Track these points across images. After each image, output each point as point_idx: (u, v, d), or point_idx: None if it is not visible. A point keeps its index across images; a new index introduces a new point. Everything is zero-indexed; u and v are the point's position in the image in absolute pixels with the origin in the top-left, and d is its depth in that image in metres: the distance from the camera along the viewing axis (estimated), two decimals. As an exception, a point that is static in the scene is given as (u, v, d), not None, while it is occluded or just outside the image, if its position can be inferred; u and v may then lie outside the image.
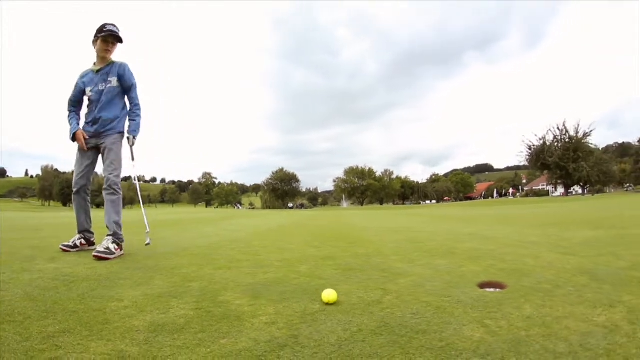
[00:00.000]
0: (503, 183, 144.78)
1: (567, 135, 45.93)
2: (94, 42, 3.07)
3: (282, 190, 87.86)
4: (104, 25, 3.03)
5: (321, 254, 3.28)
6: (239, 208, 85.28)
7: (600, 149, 46.49)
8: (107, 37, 3.01)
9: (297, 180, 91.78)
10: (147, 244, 3.31)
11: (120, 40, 3.09)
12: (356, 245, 3.88)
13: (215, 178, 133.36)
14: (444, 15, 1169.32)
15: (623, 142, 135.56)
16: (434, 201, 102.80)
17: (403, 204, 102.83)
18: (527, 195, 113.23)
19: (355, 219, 11.32)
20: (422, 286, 2.05)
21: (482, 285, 2.05)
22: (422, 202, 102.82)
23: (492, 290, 1.97)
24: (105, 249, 2.83)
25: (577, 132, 45.70)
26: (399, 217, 12.95)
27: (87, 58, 3.26)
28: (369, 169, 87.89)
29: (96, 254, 2.77)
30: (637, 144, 46.29)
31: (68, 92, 3.19)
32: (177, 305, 1.73)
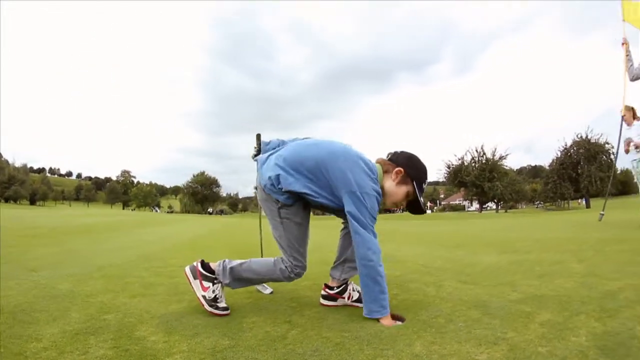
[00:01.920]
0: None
1: (485, 157, 51.77)
2: None
3: (202, 195, 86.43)
4: None
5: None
6: (156, 211, 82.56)
7: (515, 170, 52.14)
8: None
9: (218, 185, 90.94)
10: None
11: None
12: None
13: (134, 177, 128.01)
14: (381, 37, 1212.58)
15: (536, 165, 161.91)
16: None
17: (324, 213, 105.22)
18: (444, 209, 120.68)
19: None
20: (326, 319, 2.15)
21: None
22: None
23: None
24: None
25: (493, 155, 51.60)
26: (314, 229, 13.33)
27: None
28: None
29: None
30: (547, 167, 52.40)
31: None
32: (96, 344, 1.76)
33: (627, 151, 7.14)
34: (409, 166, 2.24)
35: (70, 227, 8.93)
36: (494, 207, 58.29)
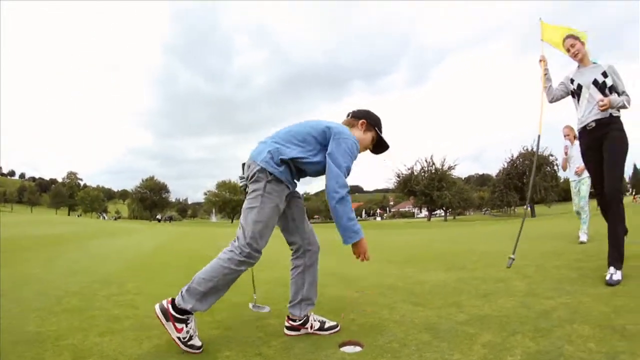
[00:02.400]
0: (372, 204, 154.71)
1: (434, 167, 54.48)
2: None
3: (151, 201, 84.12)
4: None
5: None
6: (104, 218, 79.58)
7: (463, 178, 55.09)
8: None
9: (167, 191, 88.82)
10: None
11: None
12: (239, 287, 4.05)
13: (81, 179, 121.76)
14: (339, 46, 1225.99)
15: (483, 174, 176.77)
16: None
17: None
18: (393, 216, 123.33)
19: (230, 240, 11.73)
20: (292, 349, 2.34)
21: (343, 344, 2.38)
22: None
23: (351, 349, 2.31)
24: None
25: (442, 165, 54.44)
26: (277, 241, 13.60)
27: None
28: None
29: None
30: (494, 177, 55.92)
31: None
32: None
33: (564, 168, 7.70)
34: (369, 117, 2.88)
35: (18, 241, 8.63)
36: (443, 214, 61.91)
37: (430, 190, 52.34)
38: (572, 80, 4.20)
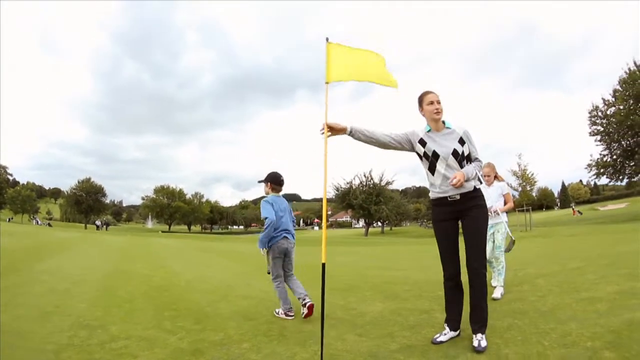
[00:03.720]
0: (309, 213, 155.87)
1: (372, 182, 57.95)
2: None
3: (87, 205, 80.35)
4: None
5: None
6: (37, 223, 74.43)
7: (400, 190, 57.95)
8: None
9: (104, 194, 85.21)
10: None
11: None
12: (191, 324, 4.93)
13: (11, 174, 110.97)
14: (289, 53, 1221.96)
15: (419, 186, 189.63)
16: (241, 226, 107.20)
17: (211, 228, 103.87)
18: (331, 225, 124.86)
19: (175, 260, 12.41)
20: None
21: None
22: (229, 227, 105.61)
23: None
24: None
25: (380, 180, 58.06)
26: (211, 256, 15.01)
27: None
28: (180, 189, 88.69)
29: None
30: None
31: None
32: None
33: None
34: (267, 180, 5.57)
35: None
36: (380, 225, 66.91)
37: (367, 204, 55.65)
38: (423, 143, 3.91)
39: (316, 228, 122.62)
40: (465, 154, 3.84)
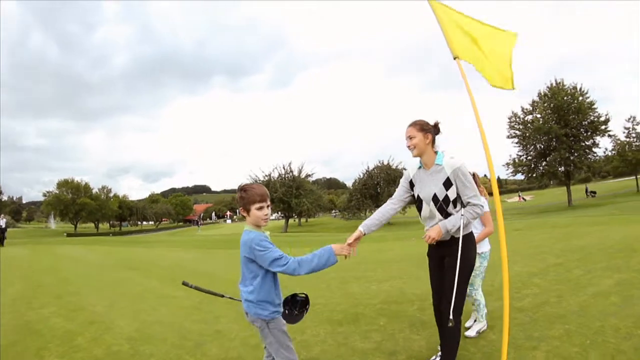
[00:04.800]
0: (221, 205, 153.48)
1: (292, 174, 57.61)
2: None
3: None
4: None
5: None
6: None
7: (312, 182, 60.83)
8: None
9: (1, 192, 77.46)
10: None
11: None
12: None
13: None
14: (209, 35, 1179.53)
15: (331, 178, 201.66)
16: (151, 222, 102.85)
17: (120, 226, 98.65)
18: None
19: (97, 292, 8.79)
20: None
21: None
22: (140, 223, 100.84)
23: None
24: None
25: (300, 172, 57.73)
26: (140, 276, 11.32)
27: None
28: (85, 184, 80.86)
29: None
30: (350, 186, 62.15)
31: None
32: None
33: None
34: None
35: None
36: (296, 217, 66.23)
37: (288, 197, 55.19)
38: (412, 185, 3.67)
39: (228, 221, 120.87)
40: (451, 199, 3.41)
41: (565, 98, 42.54)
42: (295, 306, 3.03)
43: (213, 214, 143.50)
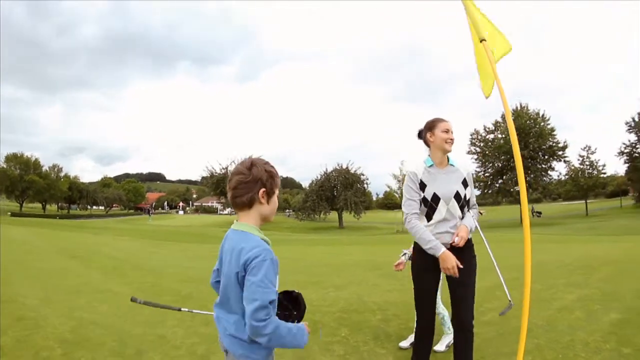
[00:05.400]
0: (174, 196, 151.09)
1: None
2: None
3: None
4: None
5: None
6: None
7: None
8: None
9: None
10: None
11: None
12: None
13: None
14: (181, 19, 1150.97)
15: (287, 177, 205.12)
16: (102, 207, 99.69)
17: (69, 208, 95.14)
18: (197, 210, 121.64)
19: (50, 294, 7.00)
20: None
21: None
22: (89, 207, 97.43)
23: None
24: None
25: None
26: (93, 271, 10.04)
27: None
28: (35, 159, 76.16)
29: None
30: (307, 187, 62.78)
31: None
32: None
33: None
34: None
35: None
36: None
37: None
38: (422, 186, 3.31)
39: (181, 212, 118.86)
40: (467, 198, 3.35)
41: (527, 122, 45.42)
42: (293, 305, 2.18)
43: (165, 203, 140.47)
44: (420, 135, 3.47)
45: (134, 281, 8.51)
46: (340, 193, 56.83)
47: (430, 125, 3.38)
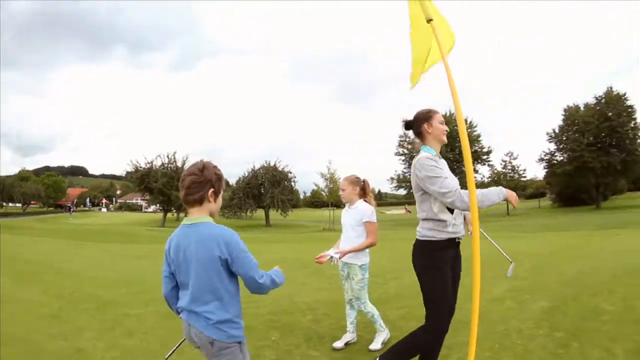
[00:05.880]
0: (97, 192, 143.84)
1: (175, 165, 55.32)
2: None
3: None
4: None
5: None
6: None
7: None
8: None
9: None
10: None
11: None
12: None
13: None
14: (124, 2, 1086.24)
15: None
16: (19, 204, 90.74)
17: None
18: (120, 208, 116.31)
19: None
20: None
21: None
22: (4, 204, 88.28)
23: None
24: None
25: (184, 163, 54.78)
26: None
27: None
28: None
29: None
30: (234, 184, 61.24)
31: None
32: None
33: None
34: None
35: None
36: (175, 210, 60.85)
37: (168, 189, 51.93)
38: None
39: (104, 210, 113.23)
40: None
41: (455, 127, 48.33)
42: None
43: (87, 200, 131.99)
44: (409, 126, 3.30)
45: (50, 287, 7.66)
46: (267, 191, 55.92)
47: (427, 116, 3.23)
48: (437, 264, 3.07)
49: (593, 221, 28.80)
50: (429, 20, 2.94)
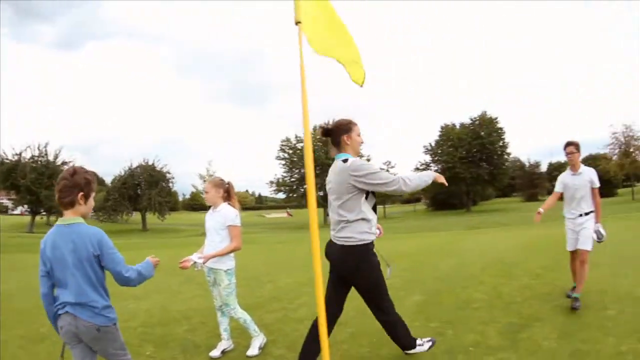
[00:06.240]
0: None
1: (46, 158, 47.66)
2: None
3: None
4: None
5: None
6: None
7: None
8: None
9: None
10: None
11: None
12: None
13: None
14: None
15: (88, 171, 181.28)
16: None
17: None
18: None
19: None
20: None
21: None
22: None
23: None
24: None
25: (56, 158, 48.20)
26: None
27: None
28: None
29: None
30: (109, 184, 57.19)
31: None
32: None
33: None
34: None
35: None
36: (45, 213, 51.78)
37: (37, 187, 44.34)
38: None
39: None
40: None
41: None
42: None
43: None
44: (327, 133, 3.40)
45: None
46: (144, 192, 52.24)
47: (347, 128, 3.37)
48: (374, 264, 3.31)
49: (464, 223, 32.00)
50: (297, 23, 2.90)
